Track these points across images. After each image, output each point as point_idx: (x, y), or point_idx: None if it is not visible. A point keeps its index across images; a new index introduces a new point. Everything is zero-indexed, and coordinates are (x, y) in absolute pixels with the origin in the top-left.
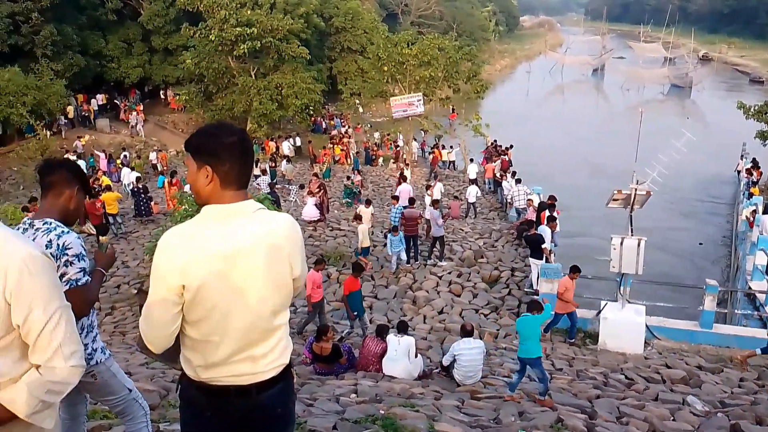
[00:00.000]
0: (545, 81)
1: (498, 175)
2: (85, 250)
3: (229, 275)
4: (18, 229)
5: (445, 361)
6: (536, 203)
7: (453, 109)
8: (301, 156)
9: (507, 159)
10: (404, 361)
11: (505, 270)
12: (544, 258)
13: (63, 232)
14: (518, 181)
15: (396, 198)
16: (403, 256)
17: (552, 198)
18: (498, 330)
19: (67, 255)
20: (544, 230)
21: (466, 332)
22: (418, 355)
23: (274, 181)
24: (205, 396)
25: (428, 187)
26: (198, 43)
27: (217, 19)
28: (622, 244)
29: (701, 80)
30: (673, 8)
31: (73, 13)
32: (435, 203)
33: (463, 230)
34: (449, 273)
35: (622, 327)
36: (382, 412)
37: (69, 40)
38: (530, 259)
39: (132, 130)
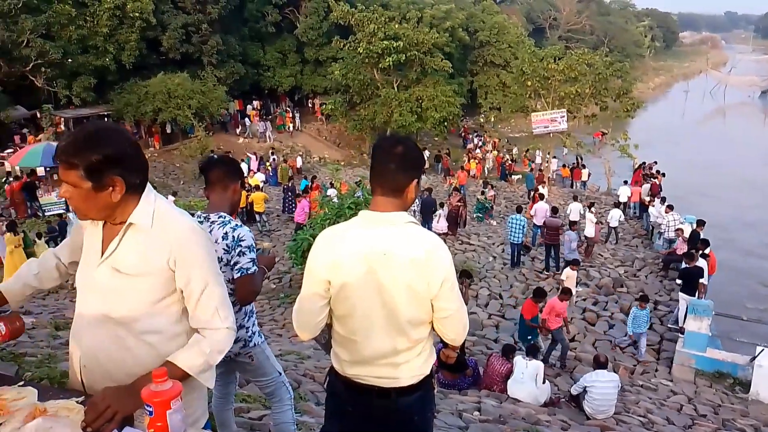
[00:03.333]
0: (705, 102)
1: (646, 199)
2: (254, 242)
3: (370, 278)
4: None
5: (574, 390)
6: (687, 233)
7: (603, 132)
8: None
9: (657, 183)
10: (531, 385)
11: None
12: (696, 294)
13: (237, 225)
14: (670, 208)
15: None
16: (643, 342)
17: (700, 224)
18: (635, 365)
19: (241, 246)
20: (702, 263)
21: (600, 364)
22: (546, 381)
23: None
24: (348, 391)
25: (590, 206)
26: (346, 55)
27: (366, 33)
28: None
29: None
30: None
31: (237, 25)
32: (573, 225)
33: (602, 255)
34: (584, 300)
35: None
36: None
37: (232, 50)
38: (680, 293)
39: (260, 136)
